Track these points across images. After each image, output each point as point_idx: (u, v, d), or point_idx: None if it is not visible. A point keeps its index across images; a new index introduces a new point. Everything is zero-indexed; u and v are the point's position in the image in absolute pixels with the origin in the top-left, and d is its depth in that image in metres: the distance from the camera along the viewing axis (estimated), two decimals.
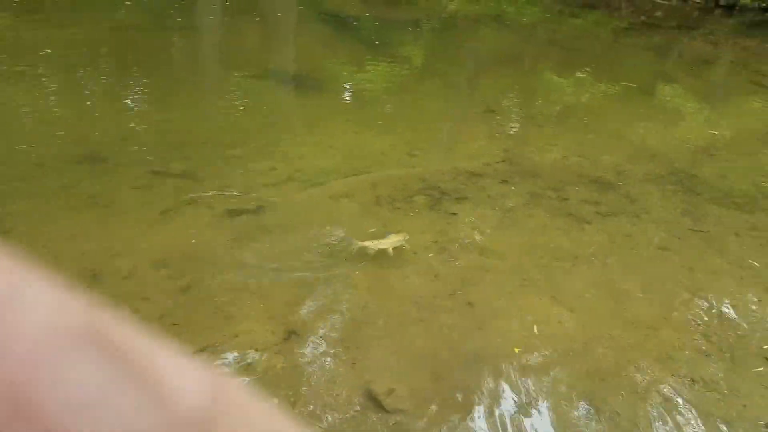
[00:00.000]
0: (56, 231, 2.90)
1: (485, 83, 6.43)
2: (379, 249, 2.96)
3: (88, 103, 4.53)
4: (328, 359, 2.40)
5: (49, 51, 5.22)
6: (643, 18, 9.85)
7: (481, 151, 4.52)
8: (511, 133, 5.18)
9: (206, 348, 2.35)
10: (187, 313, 2.50)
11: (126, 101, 4.58)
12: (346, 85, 5.66)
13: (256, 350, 2.37)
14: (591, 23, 9.27)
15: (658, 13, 10.31)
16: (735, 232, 3.90)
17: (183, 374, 0.18)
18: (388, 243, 3.01)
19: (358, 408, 2.18)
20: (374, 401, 2.21)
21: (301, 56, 6.37)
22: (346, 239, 3.07)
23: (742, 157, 5.28)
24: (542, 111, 5.79)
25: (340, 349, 2.45)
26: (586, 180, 4.27)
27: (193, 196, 3.31)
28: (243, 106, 4.83)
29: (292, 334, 2.48)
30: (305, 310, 2.64)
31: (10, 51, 5.18)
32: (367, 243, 2.97)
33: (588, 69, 7.11)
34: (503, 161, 4.39)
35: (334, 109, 5.04)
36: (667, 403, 2.47)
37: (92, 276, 2.64)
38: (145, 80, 4.95)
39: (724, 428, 2.39)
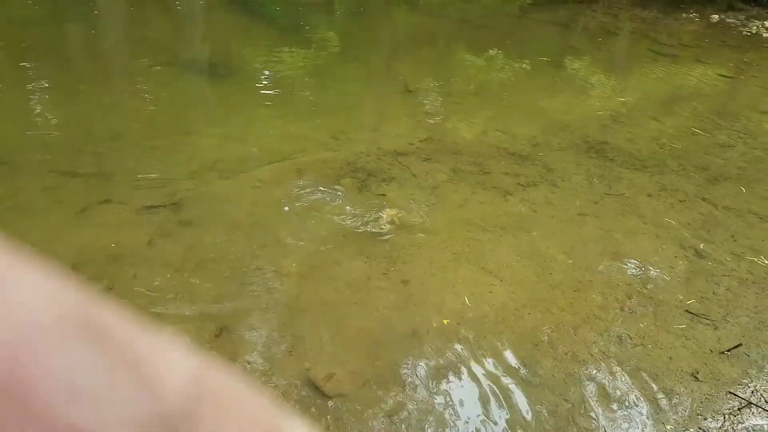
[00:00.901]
0: None
1: (402, 65, 6.46)
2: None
3: None
4: (265, 350, 2.35)
5: None
6: None
7: (404, 131, 4.55)
8: (430, 112, 5.25)
9: None
10: None
11: (26, 99, 4.23)
12: (262, 72, 5.50)
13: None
14: (499, 1, 9.54)
15: None
16: (647, 194, 4.17)
17: (171, 360, 0.18)
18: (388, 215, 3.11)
19: (297, 396, 2.15)
20: (314, 388, 2.19)
21: (211, 44, 6.13)
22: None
23: (649, 122, 5.63)
24: (459, 89, 5.90)
25: (276, 339, 2.40)
26: (505, 153, 4.40)
27: (107, 193, 3.13)
28: (153, 97, 4.58)
29: (224, 330, 2.41)
30: (235, 303, 2.56)
31: None
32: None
33: (499, 46, 7.32)
34: (425, 140, 4.44)
35: (251, 96, 4.89)
36: (597, 362, 2.60)
37: None
38: (46, 75, 4.58)
39: (653, 380, 2.55)
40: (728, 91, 7.34)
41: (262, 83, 5.27)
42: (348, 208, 3.39)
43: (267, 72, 5.53)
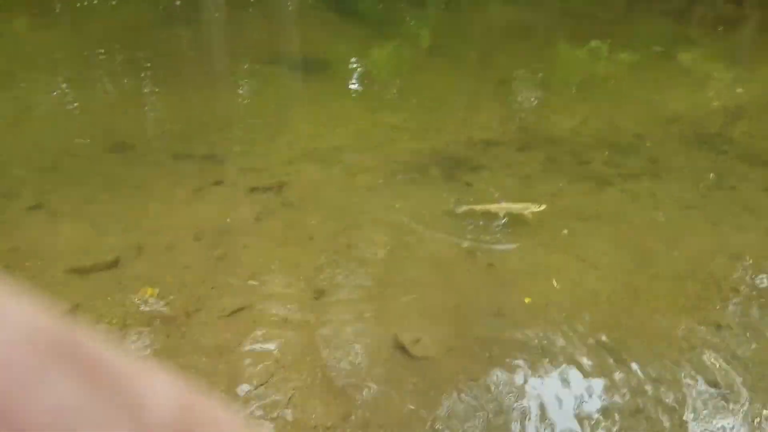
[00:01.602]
0: (98, 211, 3.20)
1: (497, 58, 6.56)
2: (515, 213, 3.29)
3: (110, 98, 4.84)
4: (356, 315, 2.62)
5: (65, 53, 5.51)
6: None
7: (495, 122, 4.67)
8: (525, 102, 5.32)
9: (245, 307, 2.60)
10: (225, 278, 2.78)
11: (146, 94, 4.89)
12: (354, 66, 5.84)
13: (289, 308, 2.62)
14: None
15: None
16: (763, 188, 4.00)
17: (155, 386, 0.19)
18: (521, 208, 3.32)
19: (387, 355, 2.40)
20: (402, 350, 2.42)
21: (307, 41, 6.57)
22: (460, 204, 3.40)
23: None
24: (557, 80, 5.91)
25: (367, 306, 2.67)
26: (605, 144, 4.39)
27: (219, 176, 3.59)
28: (255, 91, 5.08)
29: (321, 294, 2.72)
30: (331, 273, 2.86)
31: (36, 53, 5.47)
32: (498, 206, 3.31)
33: (603, 36, 7.19)
34: (518, 129, 4.53)
35: (344, 90, 5.23)
36: (695, 349, 2.59)
37: (137, 249, 2.93)
38: (161, 74, 5.23)
39: (751, 368, 2.51)
40: None
41: (354, 78, 5.61)
42: (434, 193, 3.58)
43: (359, 67, 5.86)
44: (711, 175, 4.10)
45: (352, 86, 5.45)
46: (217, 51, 6.37)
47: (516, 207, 3.32)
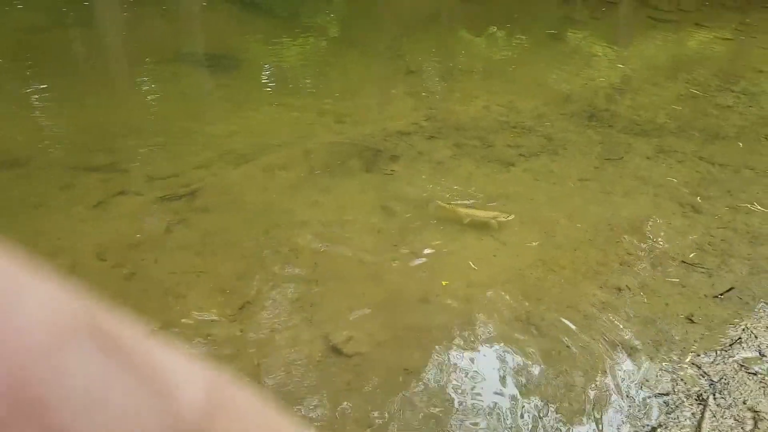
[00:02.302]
0: None
1: (404, 47, 6.69)
2: (479, 220, 3.33)
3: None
4: (285, 320, 2.59)
5: None
6: None
7: (407, 111, 4.80)
8: (433, 91, 5.51)
9: (164, 326, 2.48)
10: (137, 299, 2.61)
11: (37, 103, 4.51)
12: (264, 62, 5.77)
13: (213, 322, 2.53)
14: None
15: None
16: (647, 156, 4.41)
17: (181, 371, 0.19)
18: (490, 216, 3.36)
19: (320, 357, 2.42)
20: (335, 349, 2.45)
21: (212, 37, 6.39)
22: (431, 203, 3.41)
23: (649, 89, 5.84)
24: (461, 67, 6.14)
25: (296, 309, 2.65)
26: (507, 127, 4.65)
27: (122, 186, 3.38)
28: (160, 93, 4.84)
29: (247, 304, 2.65)
30: (255, 279, 2.80)
31: None
32: (467, 211, 3.35)
33: (500, 22, 7.53)
34: (429, 118, 4.71)
35: (255, 86, 5.16)
36: (598, 311, 2.89)
37: None
38: (54, 80, 4.84)
39: (650, 325, 2.83)
40: (728, 54, 7.50)
41: (264, 73, 5.54)
42: (356, 186, 3.68)
43: (269, 61, 5.79)
44: (601, 148, 4.48)
45: (263, 82, 5.38)
46: (116, 52, 6.05)
47: (485, 215, 3.38)
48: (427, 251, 3.14)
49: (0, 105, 4.52)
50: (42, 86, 4.79)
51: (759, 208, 3.84)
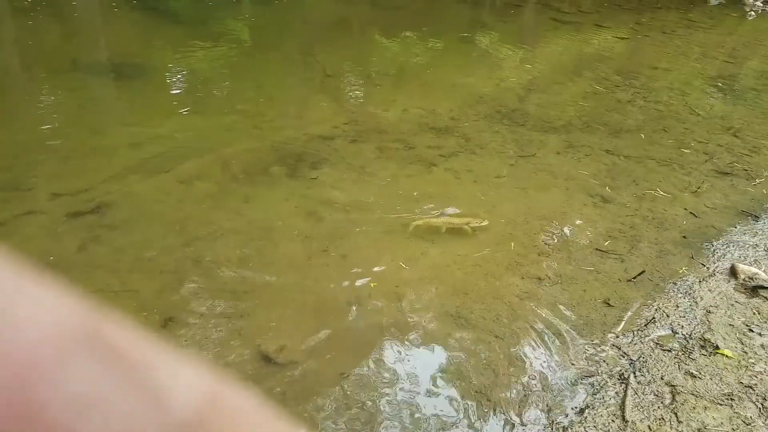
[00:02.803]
0: None
1: (319, 51, 6.65)
2: (457, 226, 3.32)
3: None
4: (214, 334, 2.50)
5: None
6: None
7: (328, 116, 4.77)
8: (352, 95, 5.50)
9: None
10: None
11: None
12: (172, 69, 5.53)
13: None
14: None
15: None
16: (557, 152, 4.61)
17: (180, 375, 0.19)
18: (464, 222, 3.37)
19: (252, 369, 2.35)
20: (267, 360, 2.39)
21: (115, 45, 6.06)
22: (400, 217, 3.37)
23: (555, 88, 6.13)
24: (377, 71, 6.18)
25: (224, 323, 2.56)
26: (426, 128, 4.72)
27: (28, 206, 3.15)
28: (60, 105, 4.51)
29: (170, 320, 2.55)
30: (178, 294, 2.68)
31: None
32: (442, 221, 3.33)
33: (412, 27, 7.65)
34: (349, 122, 4.69)
35: (164, 94, 4.93)
36: (522, 301, 2.97)
37: None
38: None
39: (570, 310, 2.95)
40: (626, 52, 8.03)
41: (174, 80, 5.32)
42: (280, 194, 3.60)
43: (178, 68, 5.56)
44: (515, 146, 4.63)
45: (173, 89, 5.16)
46: (10, 64, 5.62)
47: (459, 221, 3.41)
48: (356, 254, 3.11)
49: None
50: None
51: (662, 193, 4.11)
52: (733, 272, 3.36)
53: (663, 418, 2.35)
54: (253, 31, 7.29)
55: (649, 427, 2.30)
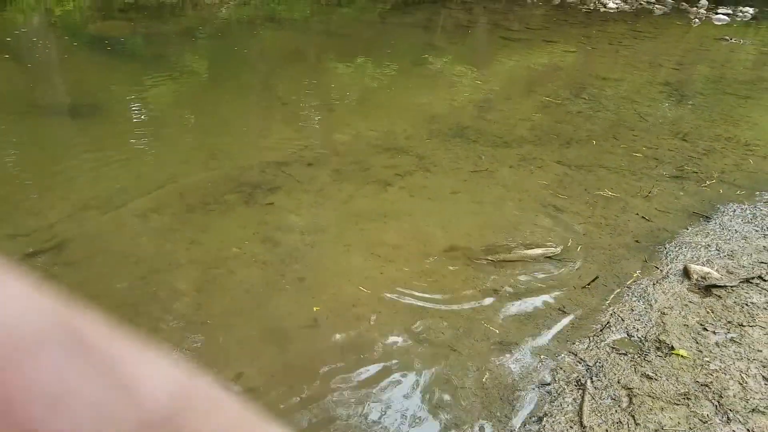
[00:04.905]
0: None
1: (275, 81, 6.66)
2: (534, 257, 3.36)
3: None
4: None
5: None
6: None
7: (284, 142, 4.75)
8: (308, 121, 5.50)
9: None
10: None
11: None
12: (128, 106, 5.46)
13: None
14: (357, 10, 10.03)
15: None
16: (509, 165, 4.67)
17: (152, 368, 0.19)
18: (538, 253, 3.40)
19: None
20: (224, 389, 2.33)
21: (73, 86, 5.97)
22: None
23: (506, 103, 6.25)
24: (332, 97, 6.20)
25: (179, 353, 2.52)
26: (381, 149, 4.74)
27: None
28: (15, 145, 4.43)
29: None
30: (137, 326, 2.62)
31: None
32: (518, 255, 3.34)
33: (365, 52, 7.73)
34: (306, 147, 4.68)
35: (121, 131, 4.85)
36: (477, 313, 2.96)
37: None
38: None
39: (527, 318, 2.95)
40: (575, 65, 8.25)
41: (131, 117, 5.25)
42: (236, 221, 3.54)
43: (134, 105, 5.50)
44: (468, 162, 4.68)
45: (128, 125, 5.07)
46: None
47: (534, 253, 3.43)
48: (313, 277, 3.08)
49: None
50: None
51: (610, 194, 4.19)
52: (686, 273, 3.42)
53: (621, 422, 2.35)
54: (209, 64, 7.28)
55: (606, 430, 2.29)
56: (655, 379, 2.60)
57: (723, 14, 12.87)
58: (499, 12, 11.48)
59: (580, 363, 2.70)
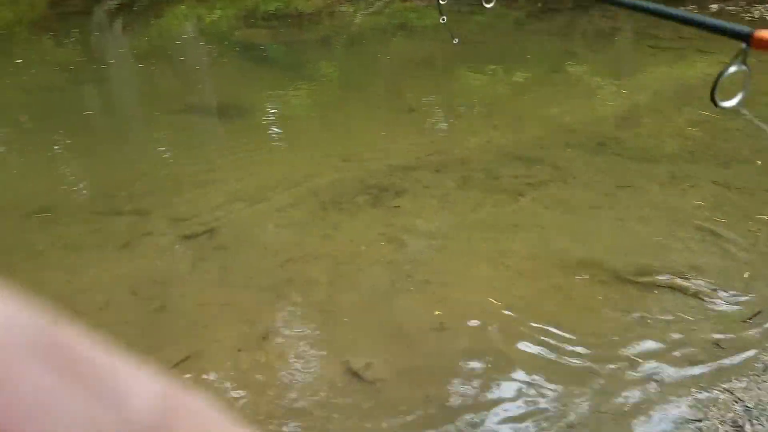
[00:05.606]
0: (24, 281, 3.01)
1: (404, 88, 6.83)
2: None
3: (24, 163, 4.65)
4: (306, 347, 2.68)
5: None
6: (539, 4, 10.67)
7: (411, 147, 4.87)
8: (436, 128, 5.59)
9: (191, 355, 2.60)
10: (167, 330, 2.79)
11: (61, 156, 4.78)
12: (269, 109, 5.91)
13: (239, 351, 2.64)
14: (491, 17, 9.96)
15: None
16: (659, 183, 4.39)
17: (136, 381, 0.19)
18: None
19: (341, 383, 2.47)
20: (355, 375, 2.50)
21: (220, 89, 6.58)
22: None
23: (654, 116, 5.89)
24: (462, 103, 6.25)
25: (315, 337, 2.75)
26: (512, 158, 4.68)
27: (147, 228, 3.58)
28: (173, 142, 5.05)
29: (269, 333, 2.77)
30: (276, 310, 2.91)
31: None
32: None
33: (498, 60, 7.69)
34: (433, 153, 4.75)
35: (262, 132, 5.29)
36: (619, 338, 2.81)
37: (72, 310, 2.82)
38: (72, 134, 5.09)
39: (677, 350, 2.75)
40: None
41: (270, 120, 5.69)
42: (364, 221, 3.70)
43: (274, 109, 5.95)
44: (611, 176, 4.46)
45: (269, 128, 5.51)
46: (127, 107, 6.27)
47: (688, 280, 3.19)
48: (439, 281, 3.12)
49: (23, 158, 4.68)
50: (61, 140, 5.02)
51: None
52: None
53: None
54: (342, 72, 7.64)
55: None
56: None
57: None
58: (647, 19, 10.86)
59: (737, 402, 2.47)
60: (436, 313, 2.91)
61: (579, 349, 2.70)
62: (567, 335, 2.79)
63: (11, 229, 3.60)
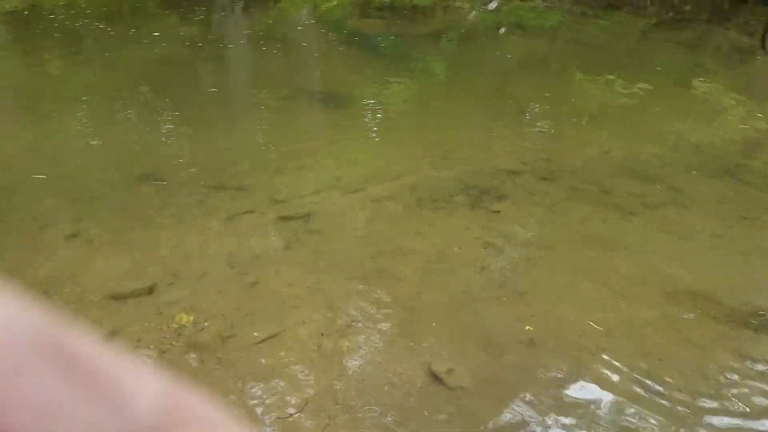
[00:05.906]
0: (134, 240, 3.33)
1: (513, 88, 6.66)
2: None
3: (140, 134, 4.98)
4: (388, 343, 2.66)
5: (96, 91, 5.76)
6: (671, 14, 10.03)
7: (517, 151, 4.73)
8: (545, 132, 5.39)
9: (278, 334, 2.67)
10: (258, 305, 2.86)
11: (174, 130, 5.06)
12: (373, 100, 5.97)
13: (321, 335, 2.67)
14: (615, 23, 9.49)
15: (687, 7, 10.48)
16: None
17: (141, 383, 0.19)
18: None
19: (421, 385, 2.43)
20: (436, 379, 2.45)
21: (328, 76, 6.73)
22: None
23: None
24: (576, 110, 5.98)
25: (398, 334, 2.71)
26: (627, 173, 4.42)
27: (249, 206, 3.72)
28: (279, 125, 5.21)
29: (353, 323, 2.78)
30: (362, 300, 2.92)
31: (69, 92, 5.68)
32: None
33: (619, 67, 7.30)
34: (540, 159, 4.58)
35: (365, 122, 5.34)
36: (732, 382, 2.58)
37: (173, 276, 3.03)
38: (187, 108, 5.41)
39: None
40: None
41: (373, 110, 5.72)
42: (460, 222, 3.62)
43: (378, 100, 5.98)
44: (736, 205, 4.11)
45: (372, 118, 5.55)
46: (242, 87, 6.57)
47: None
48: (535, 294, 3.00)
49: (142, 128, 5.06)
50: (177, 113, 5.34)
51: None
52: None
53: None
54: (449, 66, 7.57)
55: None
56: None
57: None
58: None
59: None
60: (528, 327, 2.80)
61: (681, 392, 2.50)
62: (669, 373, 2.59)
63: (126, 194, 3.84)
